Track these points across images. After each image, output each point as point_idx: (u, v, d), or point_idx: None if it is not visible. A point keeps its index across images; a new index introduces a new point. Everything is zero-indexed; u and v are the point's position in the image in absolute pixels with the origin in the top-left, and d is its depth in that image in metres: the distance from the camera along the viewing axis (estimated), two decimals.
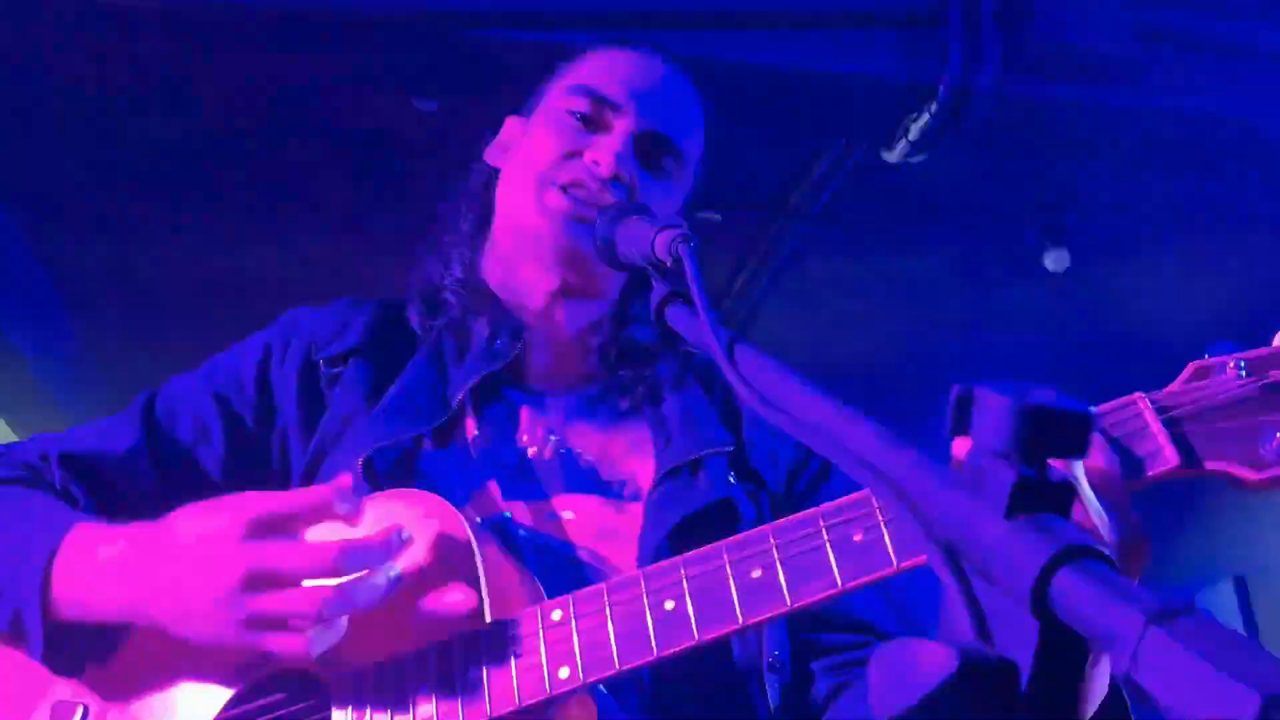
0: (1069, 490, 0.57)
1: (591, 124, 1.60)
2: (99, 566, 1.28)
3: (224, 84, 3.49)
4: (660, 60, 1.69)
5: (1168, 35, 3.40)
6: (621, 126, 1.59)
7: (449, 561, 1.28)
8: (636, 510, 1.46)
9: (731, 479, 1.48)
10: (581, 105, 1.61)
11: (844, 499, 1.16)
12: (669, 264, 1.21)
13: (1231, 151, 3.60)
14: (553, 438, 1.55)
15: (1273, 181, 3.71)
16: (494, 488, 1.47)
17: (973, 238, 4.39)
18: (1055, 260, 4.34)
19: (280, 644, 1.17)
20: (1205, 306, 4.36)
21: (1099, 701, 0.93)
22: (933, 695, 0.53)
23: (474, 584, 1.26)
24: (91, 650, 1.34)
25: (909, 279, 4.63)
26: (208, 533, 1.21)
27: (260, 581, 1.16)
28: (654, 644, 1.17)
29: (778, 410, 0.87)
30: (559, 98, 1.66)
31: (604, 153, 1.55)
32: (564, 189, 1.54)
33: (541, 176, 1.57)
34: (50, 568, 1.29)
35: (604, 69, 1.66)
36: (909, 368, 4.80)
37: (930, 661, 0.53)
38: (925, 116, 3.35)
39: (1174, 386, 1.12)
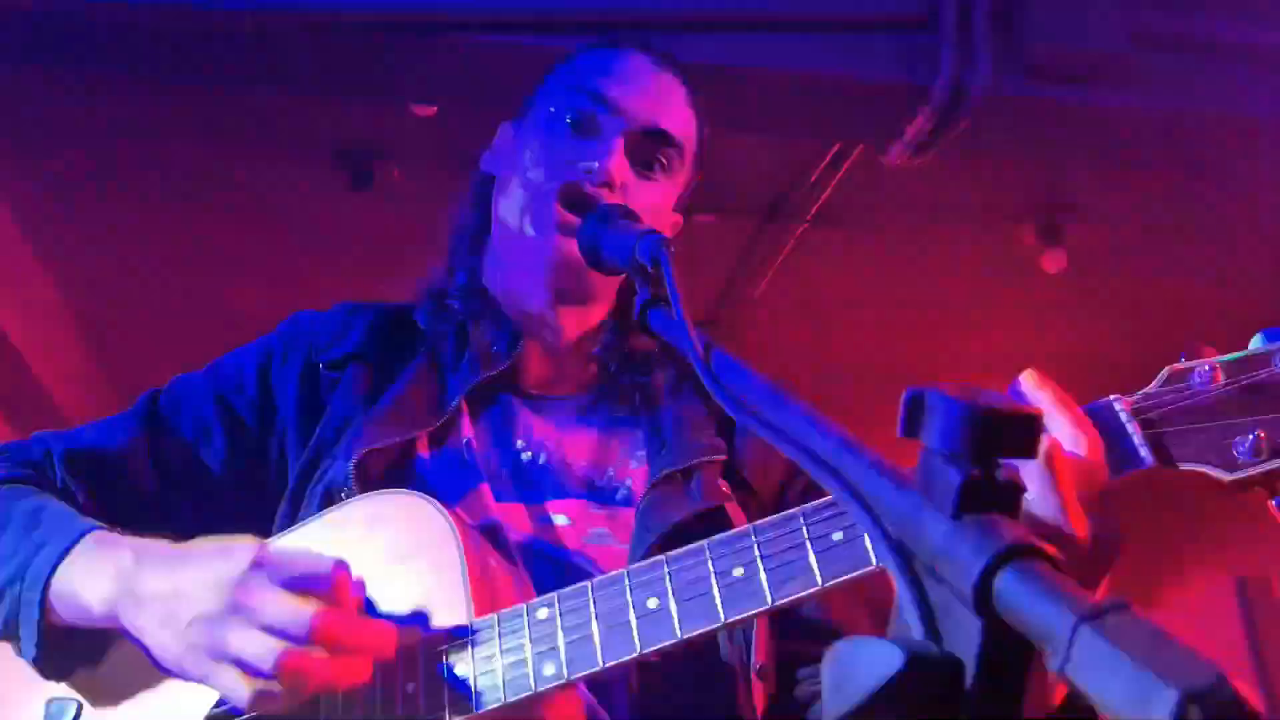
0: (1016, 490, 0.58)
1: (583, 128, 1.61)
2: (98, 567, 1.30)
3: (221, 88, 3.50)
4: (647, 57, 1.69)
5: (1161, 37, 3.40)
6: (613, 129, 1.59)
7: (435, 559, 1.30)
8: (629, 515, 1.47)
9: (724, 487, 1.49)
10: (572, 108, 1.62)
11: (826, 499, 1.18)
12: (650, 268, 1.22)
13: (1226, 152, 3.60)
14: (548, 442, 1.57)
15: (1267, 183, 3.72)
16: (486, 491, 1.48)
17: (969, 240, 4.40)
18: (1052, 261, 4.35)
19: (225, 685, 1.17)
20: (1201, 307, 4.36)
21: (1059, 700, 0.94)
22: (879, 692, 0.54)
23: (460, 581, 1.27)
24: (80, 657, 1.36)
25: (906, 281, 4.64)
26: (214, 565, 1.22)
27: (238, 615, 1.16)
28: (637, 641, 1.18)
29: (749, 413, 0.88)
30: (549, 101, 1.66)
31: (596, 159, 1.55)
32: (559, 198, 1.55)
33: (536, 187, 1.58)
34: (53, 576, 1.31)
35: (593, 70, 1.66)
36: (906, 370, 4.80)
37: (877, 659, 0.54)
38: (920, 119, 3.35)
39: (1150, 388, 1.14)
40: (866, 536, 1.12)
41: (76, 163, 3.97)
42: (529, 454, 1.55)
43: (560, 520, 1.48)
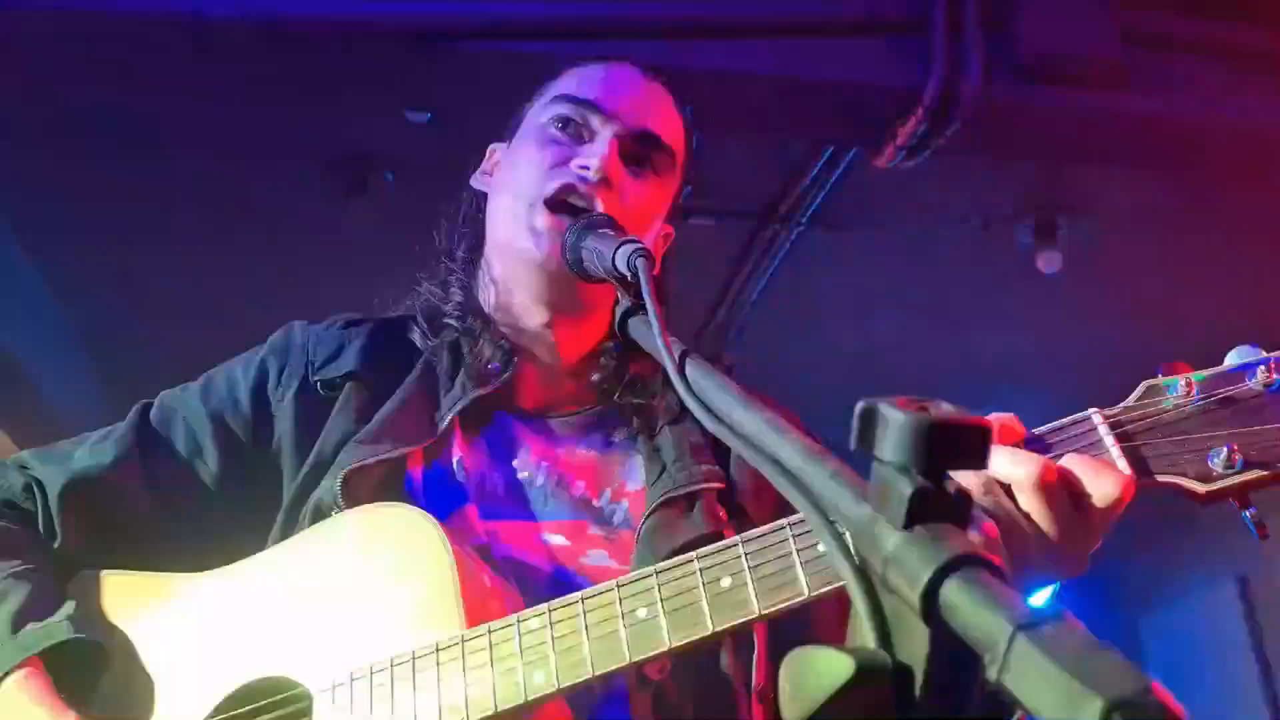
0: (966, 501, 0.59)
1: (575, 134, 1.62)
2: None
3: (217, 94, 3.51)
4: (634, 67, 1.71)
5: (1152, 38, 3.41)
6: (605, 131, 1.60)
7: (427, 570, 1.31)
8: (627, 538, 1.47)
9: (722, 514, 1.49)
10: (563, 115, 1.63)
11: None
12: (629, 278, 1.23)
13: (1218, 154, 3.60)
14: (544, 463, 1.56)
15: (1257, 184, 3.72)
16: (478, 509, 1.48)
17: (964, 241, 4.41)
18: (1048, 262, 4.35)
19: None
20: (1196, 307, 4.36)
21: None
22: (830, 700, 0.55)
23: (451, 592, 1.28)
24: None
25: (901, 283, 4.64)
26: None
27: None
28: (627, 651, 1.19)
29: (720, 422, 0.89)
30: (539, 113, 1.67)
31: (591, 158, 1.56)
32: (554, 201, 1.55)
33: (530, 195, 1.58)
34: None
35: (581, 80, 1.68)
36: (902, 371, 4.81)
37: (828, 668, 0.55)
38: (912, 120, 3.36)
39: (1127, 402, 1.16)
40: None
41: (72, 172, 3.98)
42: (526, 474, 1.55)
43: (557, 541, 1.48)
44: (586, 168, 1.55)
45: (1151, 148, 3.61)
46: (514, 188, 1.62)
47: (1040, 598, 2.80)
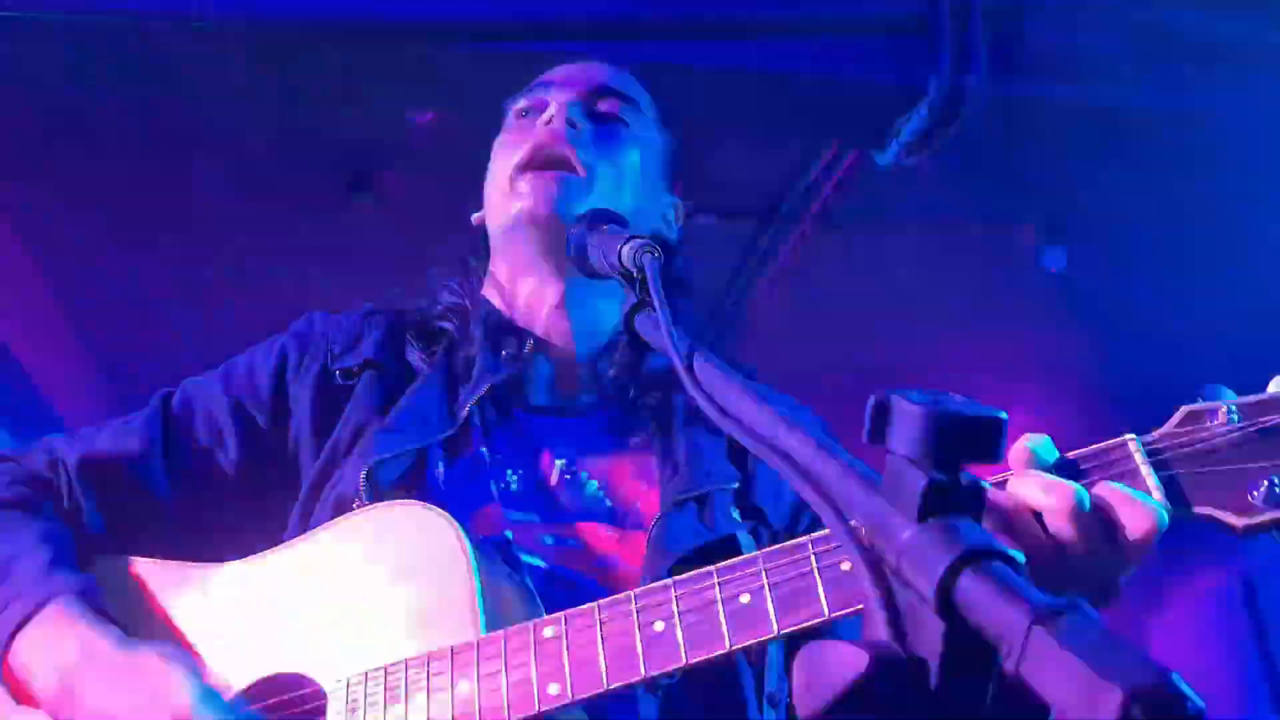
0: (979, 494, 0.59)
1: (531, 111, 1.68)
2: (47, 652, 1.34)
3: (219, 94, 3.52)
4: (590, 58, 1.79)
5: (1157, 35, 3.40)
6: (559, 96, 1.67)
7: (445, 573, 1.30)
8: (640, 539, 1.46)
9: (735, 514, 1.48)
10: (521, 106, 1.70)
11: None
12: (636, 274, 1.23)
13: (1223, 151, 3.60)
14: (560, 461, 1.56)
15: (1263, 181, 3.71)
16: (499, 507, 1.48)
17: (969, 239, 4.40)
18: (1053, 259, 4.34)
19: None
20: (1200, 305, 4.36)
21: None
22: (846, 693, 0.55)
23: (470, 596, 1.28)
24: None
25: (905, 281, 4.63)
26: (152, 695, 1.27)
27: None
28: (642, 665, 1.18)
29: (731, 419, 0.89)
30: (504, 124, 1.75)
31: (550, 110, 1.63)
32: (526, 162, 1.60)
33: (507, 173, 1.62)
34: (12, 641, 1.35)
35: (536, 78, 1.76)
36: (906, 370, 4.79)
37: (844, 661, 0.55)
38: (916, 118, 3.36)
39: (1165, 429, 1.12)
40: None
41: (73, 169, 3.98)
42: (543, 473, 1.55)
43: (571, 540, 1.48)
44: (549, 121, 1.61)
45: (1156, 145, 3.60)
46: (494, 180, 1.67)
47: None
